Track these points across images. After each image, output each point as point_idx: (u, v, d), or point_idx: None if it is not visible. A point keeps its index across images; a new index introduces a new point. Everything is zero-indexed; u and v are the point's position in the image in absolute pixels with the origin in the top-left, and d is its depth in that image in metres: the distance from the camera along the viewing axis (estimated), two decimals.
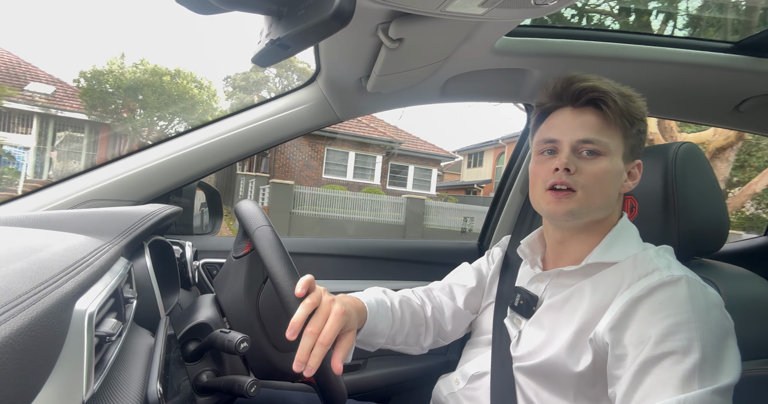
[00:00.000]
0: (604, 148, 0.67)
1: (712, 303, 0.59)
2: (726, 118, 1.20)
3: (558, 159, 0.67)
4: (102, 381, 0.40)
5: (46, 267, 0.39)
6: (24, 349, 0.29)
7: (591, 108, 0.68)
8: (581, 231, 0.71)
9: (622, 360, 0.57)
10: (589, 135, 0.67)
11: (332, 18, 0.42)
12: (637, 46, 0.99)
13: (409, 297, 0.85)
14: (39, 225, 0.60)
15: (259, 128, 1.07)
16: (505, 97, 1.20)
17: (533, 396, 0.67)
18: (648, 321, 0.57)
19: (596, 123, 0.68)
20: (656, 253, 0.66)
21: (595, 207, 0.68)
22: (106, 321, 0.43)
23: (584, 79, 0.69)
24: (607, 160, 0.67)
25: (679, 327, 0.55)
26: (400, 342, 0.81)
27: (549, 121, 0.72)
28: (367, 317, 0.72)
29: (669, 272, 0.61)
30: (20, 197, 0.92)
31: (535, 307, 0.72)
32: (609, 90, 0.67)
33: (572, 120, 0.69)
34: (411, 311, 0.83)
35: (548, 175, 0.68)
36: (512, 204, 1.39)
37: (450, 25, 0.74)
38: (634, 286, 0.61)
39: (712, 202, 0.77)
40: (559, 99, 0.71)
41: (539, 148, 0.72)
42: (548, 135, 0.71)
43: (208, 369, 0.72)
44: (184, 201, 1.14)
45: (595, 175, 0.66)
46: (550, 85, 0.72)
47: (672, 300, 0.58)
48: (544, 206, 0.69)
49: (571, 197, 0.67)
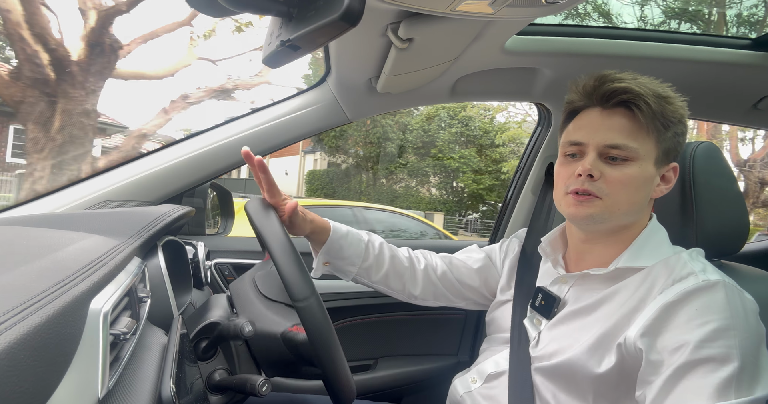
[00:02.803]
0: (632, 153, 0.63)
1: (750, 309, 0.57)
2: (744, 116, 1.17)
3: (581, 164, 0.64)
4: (117, 378, 0.41)
5: (64, 266, 0.40)
6: (41, 347, 0.29)
7: (622, 109, 0.64)
8: (606, 234, 0.69)
9: (657, 366, 0.55)
10: (617, 139, 0.63)
11: (342, 19, 0.42)
12: (652, 44, 0.98)
13: (395, 247, 0.89)
14: (57, 226, 0.61)
15: (270, 129, 1.08)
16: (516, 96, 1.19)
17: (551, 397, 0.66)
18: (685, 327, 0.55)
19: (626, 126, 0.64)
20: (689, 256, 0.64)
21: (619, 214, 0.65)
22: (120, 319, 0.44)
23: (617, 79, 0.65)
24: (635, 166, 0.63)
25: (718, 334, 0.53)
26: (377, 280, 0.86)
27: (577, 121, 0.69)
28: (330, 235, 0.81)
29: (705, 276, 0.59)
30: (39, 198, 0.94)
31: (556, 308, 0.71)
32: (643, 92, 0.62)
33: (600, 122, 0.65)
34: (391, 254, 0.87)
35: (570, 179, 0.66)
36: (524, 204, 1.37)
37: (460, 24, 0.74)
38: (668, 291, 0.59)
39: (732, 202, 0.76)
40: (588, 98, 0.67)
41: (564, 150, 0.69)
42: (574, 137, 0.67)
43: (220, 367, 0.73)
44: (196, 201, 1.15)
45: (621, 181, 0.63)
46: (581, 82, 0.68)
47: (709, 306, 0.56)
48: (565, 208, 0.68)
49: (593, 202, 0.64)
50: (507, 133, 12.01)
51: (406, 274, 0.87)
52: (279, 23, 0.52)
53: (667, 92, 0.65)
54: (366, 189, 13.43)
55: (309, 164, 15.38)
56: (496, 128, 12.97)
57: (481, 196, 12.93)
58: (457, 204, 13.42)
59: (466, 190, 13.11)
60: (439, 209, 12.70)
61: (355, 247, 0.84)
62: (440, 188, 13.53)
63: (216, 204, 1.38)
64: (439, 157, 12.54)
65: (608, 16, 5.45)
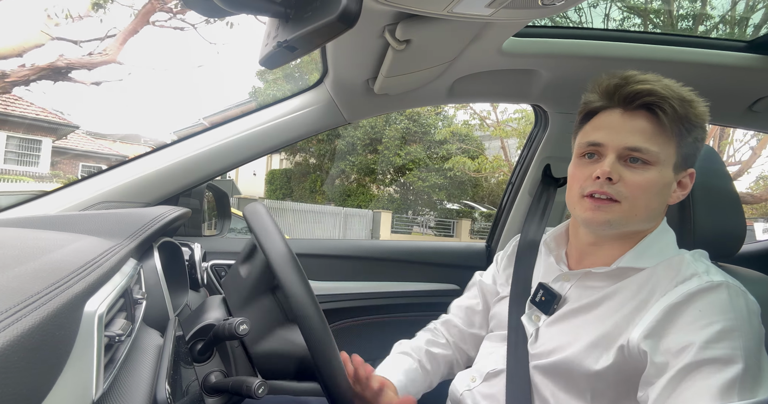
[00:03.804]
0: (653, 157, 0.62)
1: (752, 310, 0.57)
2: (739, 118, 1.18)
3: (600, 166, 0.62)
4: (112, 380, 0.40)
5: (58, 268, 0.40)
6: (35, 348, 0.29)
7: (644, 112, 0.63)
8: (617, 238, 0.67)
9: (662, 367, 0.55)
10: (639, 142, 0.61)
11: (339, 20, 0.42)
12: (648, 46, 0.98)
13: (433, 344, 0.90)
14: (52, 227, 0.61)
15: (267, 130, 1.08)
16: (514, 97, 1.19)
17: (549, 395, 0.66)
18: (689, 328, 0.55)
19: (649, 129, 0.62)
20: (693, 258, 0.64)
21: (636, 220, 0.64)
22: (115, 321, 0.43)
23: (642, 81, 0.63)
24: (655, 171, 0.62)
25: (722, 335, 0.53)
26: (437, 380, 0.88)
27: (595, 121, 0.67)
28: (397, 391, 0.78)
29: (708, 278, 0.59)
30: (34, 199, 0.94)
31: (556, 305, 0.70)
32: (668, 95, 0.61)
33: (622, 124, 0.63)
34: (440, 353, 0.88)
35: (587, 182, 0.64)
36: (520, 206, 1.38)
37: (457, 26, 0.74)
38: (671, 293, 0.59)
39: (729, 204, 0.76)
40: (609, 99, 0.65)
41: (581, 150, 0.67)
42: (593, 137, 0.65)
43: (216, 370, 0.73)
44: (192, 202, 1.15)
45: (641, 186, 0.61)
46: (603, 82, 0.66)
47: (713, 307, 0.56)
48: (580, 213, 0.65)
49: (612, 207, 0.62)
50: (447, 128, 11.69)
51: (453, 361, 0.91)
52: (276, 24, 0.52)
53: (691, 96, 0.64)
54: (320, 188, 13.29)
55: (275, 164, 15.20)
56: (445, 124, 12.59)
57: (429, 194, 12.71)
58: (405, 202, 13.19)
59: (411, 188, 12.90)
60: (387, 207, 12.50)
61: (415, 382, 0.83)
62: (387, 186, 13.28)
63: (213, 205, 1.37)
64: (384, 154, 12.31)
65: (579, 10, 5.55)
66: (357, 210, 12.12)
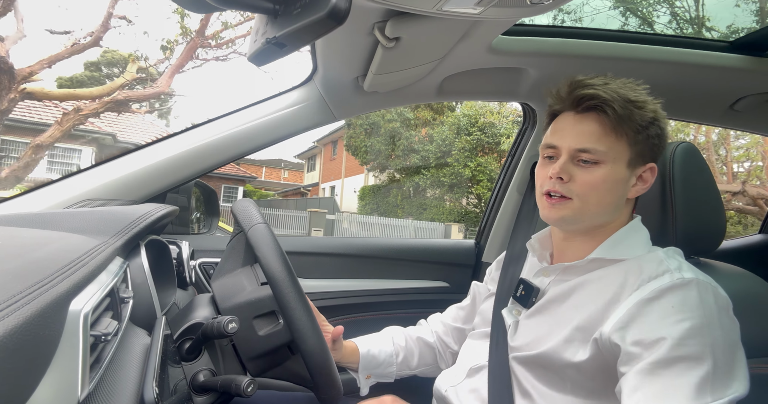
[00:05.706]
0: (602, 156, 0.66)
1: (722, 306, 0.59)
2: (721, 116, 1.20)
3: (553, 167, 0.68)
4: (97, 380, 0.40)
5: (41, 266, 0.39)
6: (18, 349, 0.29)
7: (593, 113, 0.67)
8: (583, 233, 0.72)
9: (633, 360, 0.56)
10: (586, 144, 0.66)
11: (328, 17, 0.42)
12: (633, 45, 1.00)
13: (416, 329, 0.98)
14: (35, 225, 0.60)
15: (255, 128, 1.07)
16: (502, 96, 1.20)
17: (530, 387, 0.68)
18: (661, 323, 0.56)
19: (597, 130, 0.66)
20: (665, 255, 0.66)
21: (590, 215, 0.68)
22: (101, 320, 0.43)
23: (587, 85, 0.67)
24: (605, 168, 0.66)
25: (693, 332, 0.55)
26: (415, 365, 0.95)
27: (554, 125, 0.72)
28: (359, 351, 0.91)
29: (680, 274, 0.60)
30: (16, 196, 0.92)
31: (535, 298, 0.73)
32: (610, 98, 0.64)
33: (572, 126, 0.68)
34: (417, 336, 0.96)
35: (546, 181, 0.69)
36: (509, 203, 1.39)
37: (446, 24, 0.74)
38: (643, 288, 0.60)
39: (710, 201, 0.78)
40: (563, 103, 0.71)
41: (542, 152, 0.73)
42: (550, 140, 0.71)
43: (205, 368, 0.72)
44: (180, 200, 1.13)
45: (590, 183, 0.66)
46: (556, 88, 0.72)
47: (684, 304, 0.57)
48: (541, 210, 0.72)
49: (564, 204, 0.67)
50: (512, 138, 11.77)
51: (434, 352, 0.97)
52: (265, 21, 0.51)
53: (638, 97, 0.66)
54: (401, 202, 13.47)
55: (371, 181, 15.58)
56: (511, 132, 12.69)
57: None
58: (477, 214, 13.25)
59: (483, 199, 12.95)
60: (457, 220, 12.58)
61: (384, 348, 0.93)
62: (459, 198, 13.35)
63: (201, 203, 1.36)
64: (454, 166, 12.40)
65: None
66: (428, 224, 12.31)
